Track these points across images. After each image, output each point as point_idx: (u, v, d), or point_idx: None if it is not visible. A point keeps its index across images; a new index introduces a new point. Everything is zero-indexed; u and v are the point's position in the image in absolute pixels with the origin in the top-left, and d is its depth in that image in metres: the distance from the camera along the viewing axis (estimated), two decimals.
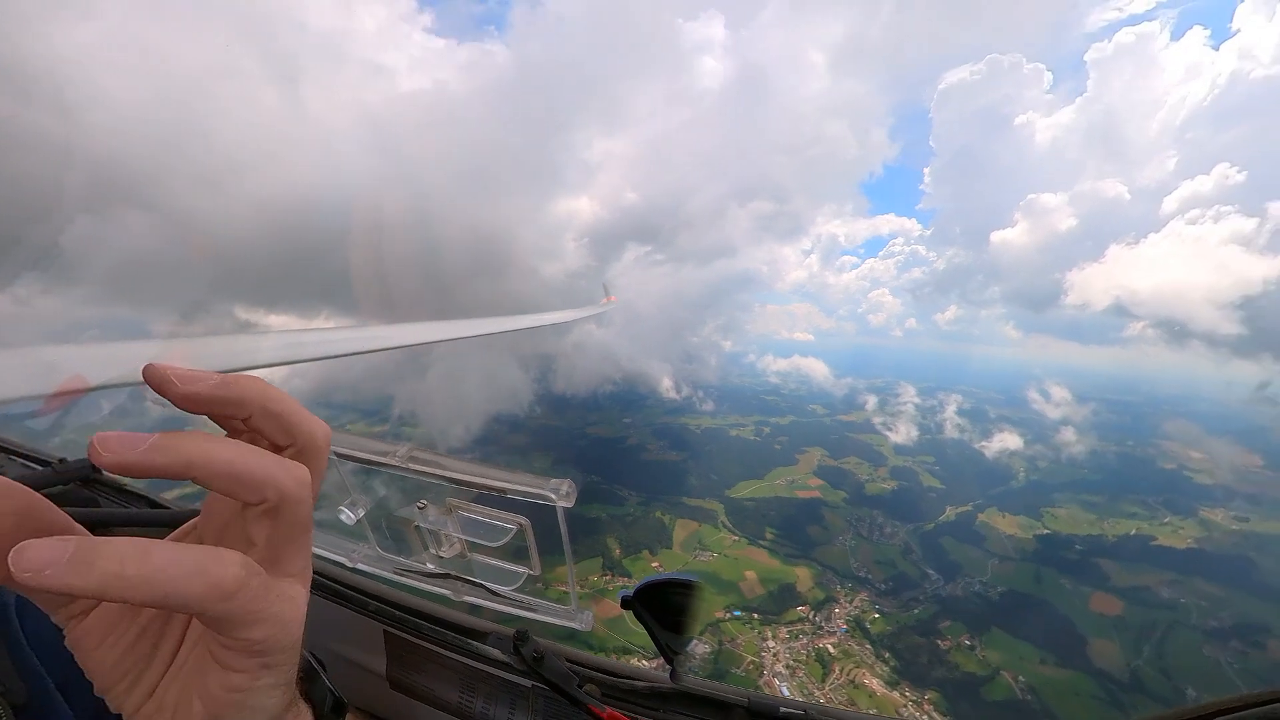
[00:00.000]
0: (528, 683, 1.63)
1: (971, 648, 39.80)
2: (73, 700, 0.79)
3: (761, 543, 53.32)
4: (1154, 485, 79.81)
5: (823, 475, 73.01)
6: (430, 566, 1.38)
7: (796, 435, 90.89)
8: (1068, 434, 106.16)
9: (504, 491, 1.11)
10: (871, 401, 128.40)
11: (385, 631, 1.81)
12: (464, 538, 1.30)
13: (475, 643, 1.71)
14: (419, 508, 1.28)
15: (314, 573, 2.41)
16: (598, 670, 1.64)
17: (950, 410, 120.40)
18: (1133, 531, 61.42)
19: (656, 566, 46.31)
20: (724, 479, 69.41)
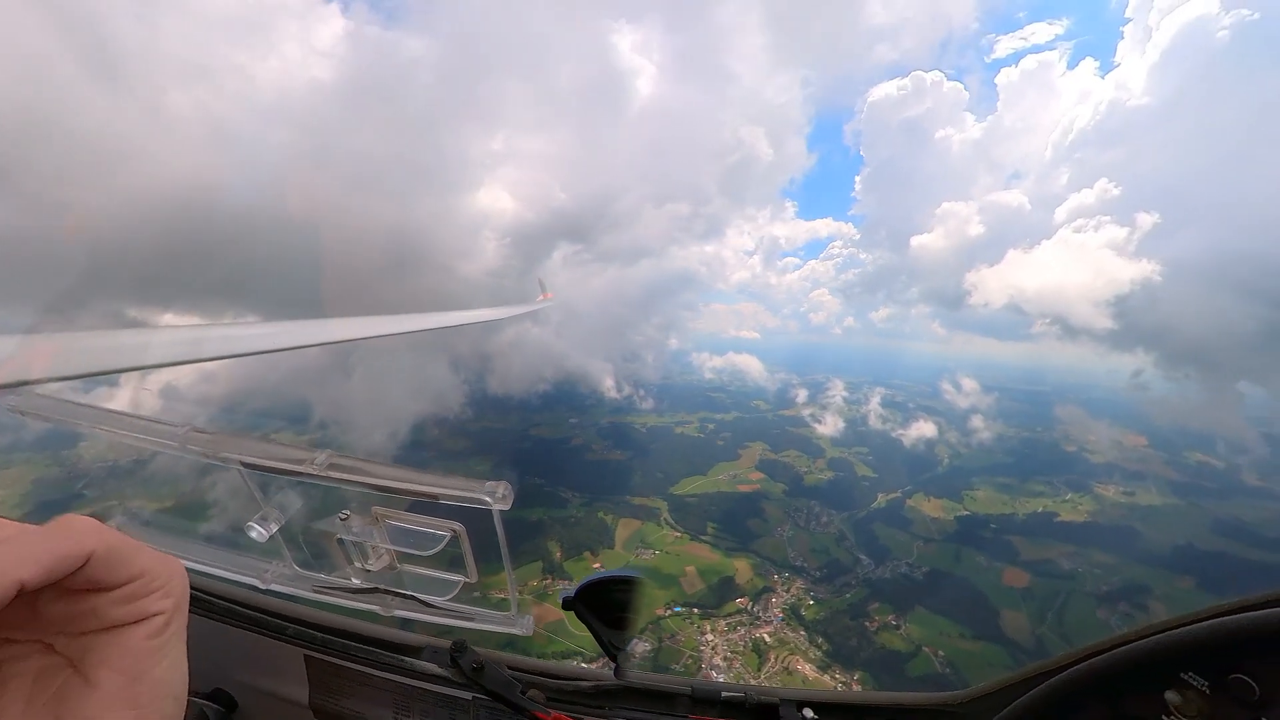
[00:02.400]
0: (468, 695, 1.60)
1: (896, 627, 42.16)
2: None
3: (703, 538, 54.25)
4: (1057, 466, 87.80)
5: (764, 469, 75.29)
6: (356, 582, 1.30)
7: (740, 431, 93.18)
8: (976, 421, 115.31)
9: (435, 497, 1.06)
10: (803, 395, 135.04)
11: (306, 656, 1.70)
12: (393, 548, 1.23)
13: (409, 659, 1.65)
14: (341, 519, 1.20)
15: (220, 598, 1.86)
16: (541, 675, 1.66)
17: (874, 402, 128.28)
18: (1039, 509, 67.23)
19: (597, 567, 45.83)
20: (668, 476, 70.20)
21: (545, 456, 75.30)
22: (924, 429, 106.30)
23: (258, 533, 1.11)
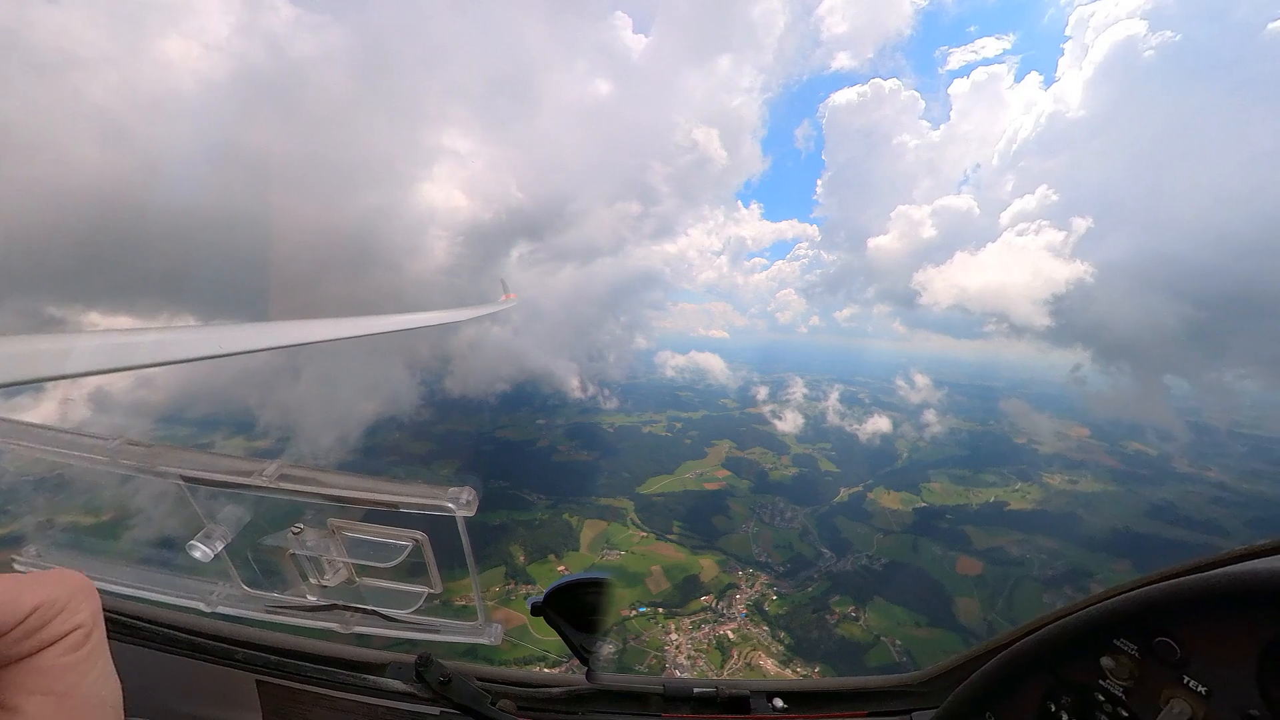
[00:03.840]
0: (435, 710, 1.57)
1: (856, 618, 43.73)
2: None
3: (669, 537, 54.87)
4: (1008, 457, 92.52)
5: (730, 466, 76.59)
6: (311, 599, 1.23)
7: (707, 429, 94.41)
8: (929, 415, 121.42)
9: (395, 506, 1.02)
10: (763, 393, 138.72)
11: (259, 681, 1.62)
12: (351, 561, 1.18)
13: (371, 676, 1.61)
14: (294, 533, 1.13)
15: (159, 625, 1.72)
16: (512, 684, 1.66)
17: (833, 399, 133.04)
18: (991, 499, 70.86)
19: (562, 570, 45.80)
20: (635, 476, 70.55)
21: (510, 458, 74.49)
22: (879, 424, 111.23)
23: (201, 552, 1.05)
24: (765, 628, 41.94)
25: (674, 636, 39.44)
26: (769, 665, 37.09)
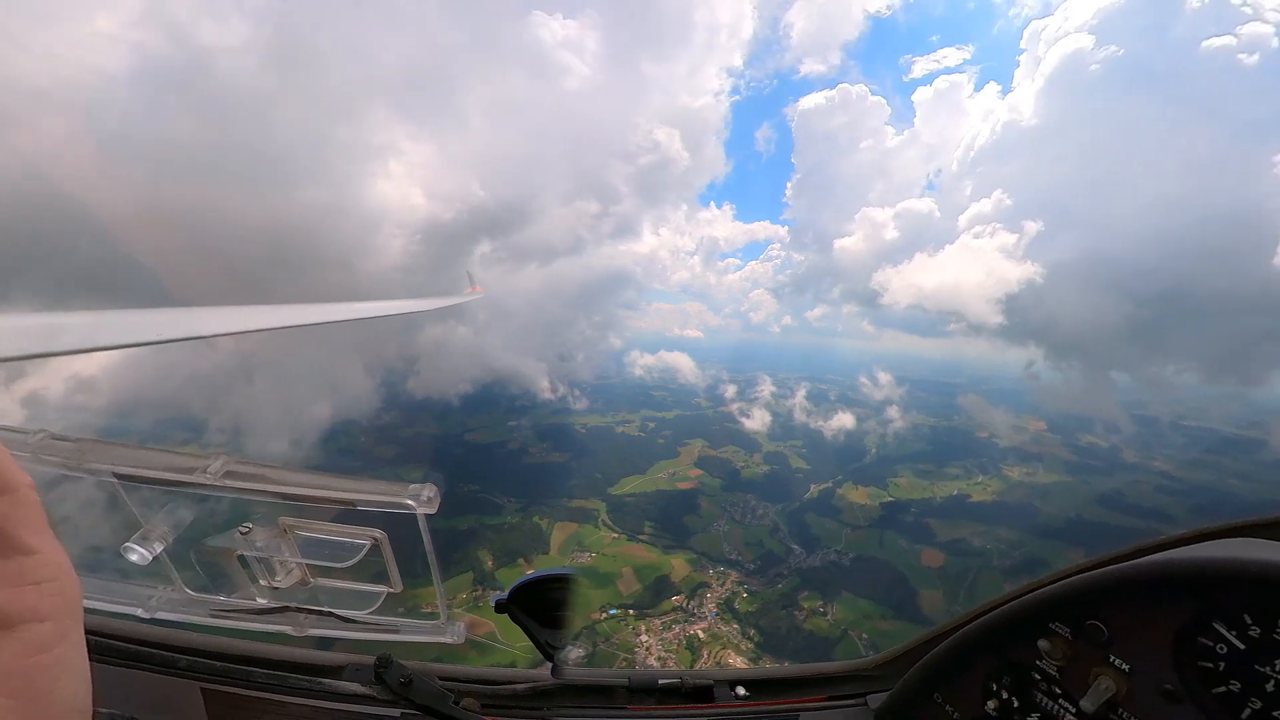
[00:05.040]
0: (396, 712, 1.53)
1: (824, 613, 44.74)
2: None
3: (640, 537, 55.17)
4: (971, 451, 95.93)
5: (702, 465, 77.32)
6: (262, 601, 1.18)
7: (680, 428, 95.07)
8: (892, 411, 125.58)
9: (352, 503, 0.98)
10: (731, 391, 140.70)
11: (204, 689, 1.54)
12: (305, 562, 1.12)
13: (328, 680, 1.56)
14: (242, 533, 1.07)
15: (95, 633, 1.66)
16: (475, 682, 1.64)
17: (800, 396, 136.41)
18: (954, 492, 73.40)
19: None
20: (607, 477, 70.59)
21: (480, 461, 73.52)
22: (844, 420, 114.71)
23: (138, 555, 0.97)
24: (735, 626, 42.69)
25: (644, 638, 39.76)
26: (738, 663, 37.64)
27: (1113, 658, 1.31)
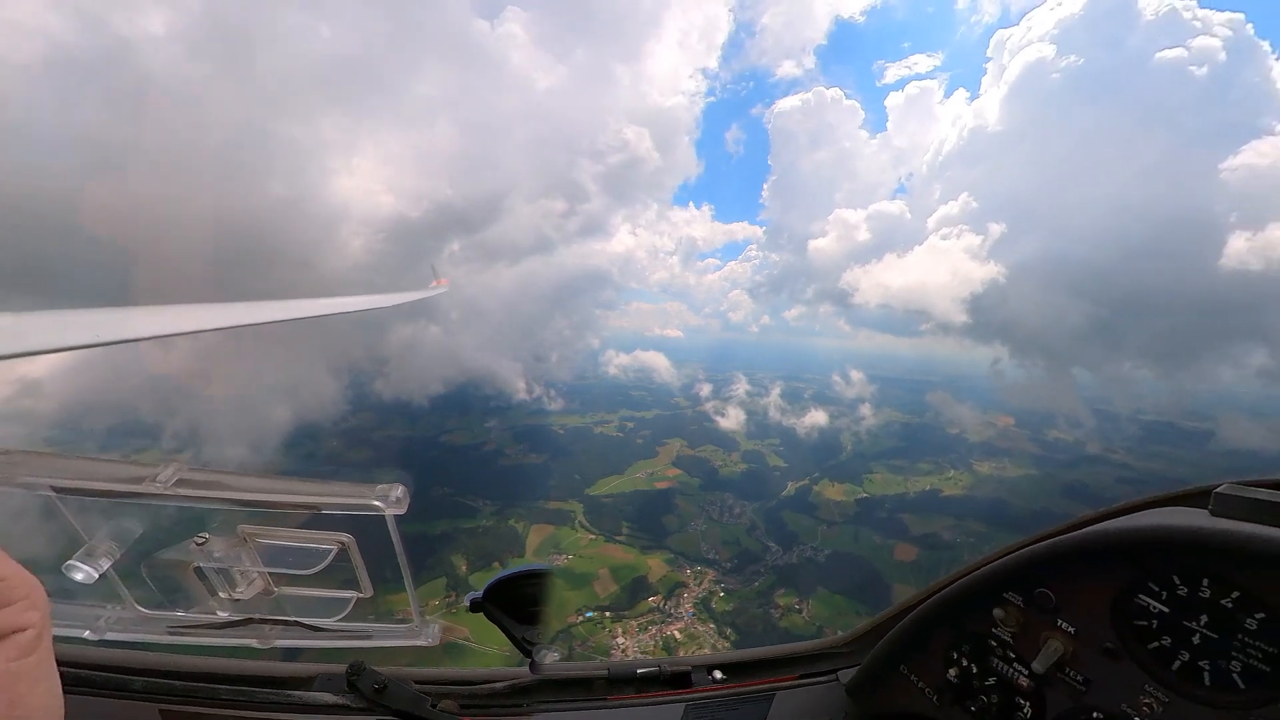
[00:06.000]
0: (371, 719, 1.50)
1: (799, 610, 45.06)
2: None
3: (618, 538, 54.98)
4: (943, 446, 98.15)
5: (681, 465, 77.44)
6: (223, 615, 1.12)
7: (659, 428, 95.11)
8: (865, 409, 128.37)
9: (317, 508, 0.95)
10: (706, 390, 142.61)
11: (163, 711, 1.46)
12: (267, 570, 1.08)
13: (298, 692, 1.51)
14: (198, 544, 1.02)
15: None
16: (452, 683, 1.63)
17: (774, 395, 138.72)
18: (927, 487, 74.85)
19: None
20: (585, 478, 70.25)
21: (456, 464, 72.43)
22: (817, 418, 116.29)
23: (83, 573, 0.89)
24: (712, 625, 42.90)
25: (620, 640, 39.64)
26: None
27: (1060, 622, 1.42)
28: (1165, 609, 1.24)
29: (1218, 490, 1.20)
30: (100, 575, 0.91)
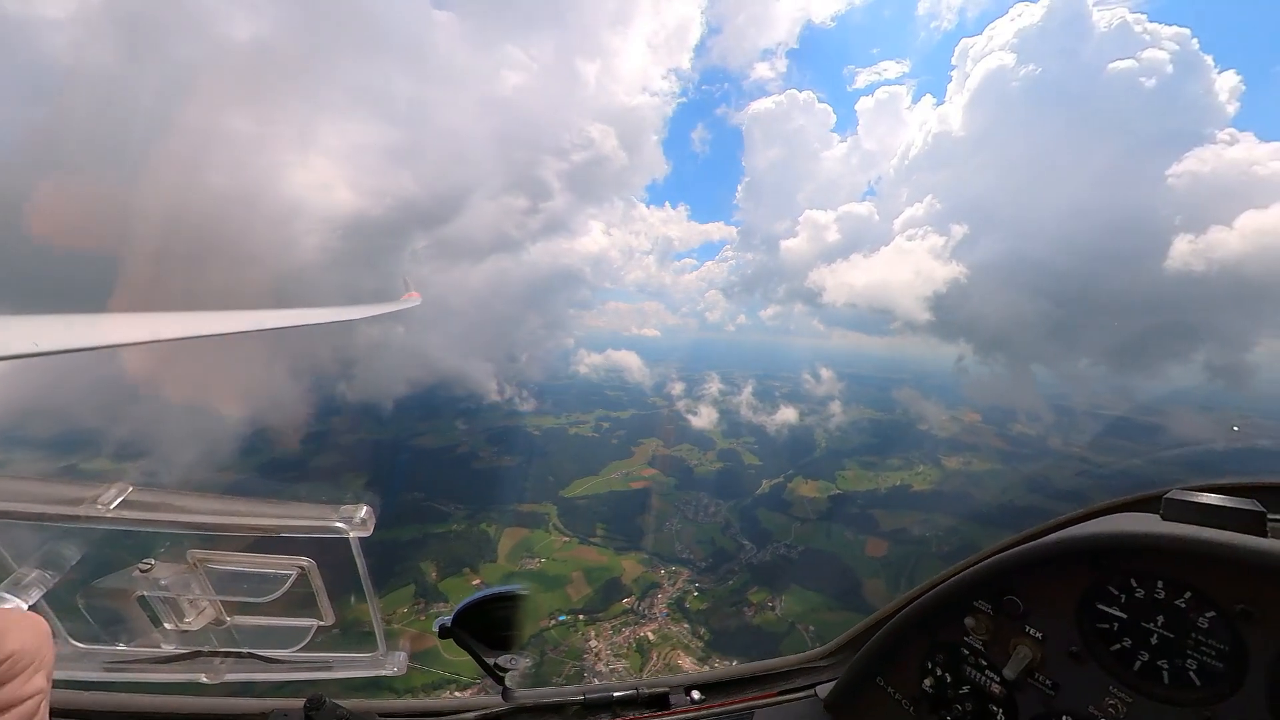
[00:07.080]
0: None
1: (772, 607, 45.38)
2: None
3: (592, 540, 54.59)
4: (913, 442, 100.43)
5: (657, 464, 77.52)
6: (169, 648, 1.05)
7: (635, 428, 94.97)
8: (834, 406, 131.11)
9: (276, 530, 0.90)
10: (679, 389, 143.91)
11: None
12: (219, 599, 1.02)
13: None
14: (142, 571, 0.94)
15: None
16: (420, 715, 1.63)
17: (746, 393, 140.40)
18: (897, 483, 76.40)
19: (478, 584, 43.78)
20: (559, 480, 69.62)
21: (427, 467, 70.87)
22: (788, 415, 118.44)
23: (10, 605, 0.82)
24: (685, 625, 42.94)
25: (594, 643, 39.28)
26: (686, 664, 37.89)
27: (1028, 628, 1.46)
28: (1124, 612, 1.28)
29: (1167, 496, 1.26)
30: (29, 607, 0.83)
